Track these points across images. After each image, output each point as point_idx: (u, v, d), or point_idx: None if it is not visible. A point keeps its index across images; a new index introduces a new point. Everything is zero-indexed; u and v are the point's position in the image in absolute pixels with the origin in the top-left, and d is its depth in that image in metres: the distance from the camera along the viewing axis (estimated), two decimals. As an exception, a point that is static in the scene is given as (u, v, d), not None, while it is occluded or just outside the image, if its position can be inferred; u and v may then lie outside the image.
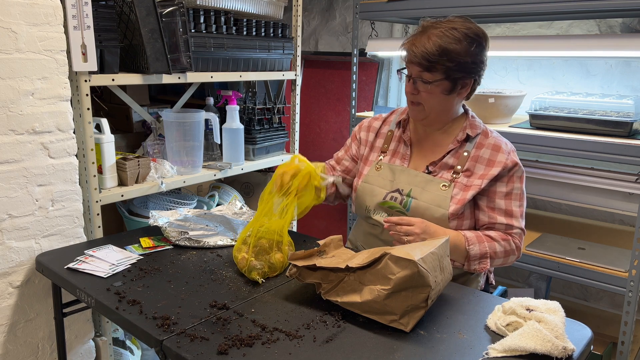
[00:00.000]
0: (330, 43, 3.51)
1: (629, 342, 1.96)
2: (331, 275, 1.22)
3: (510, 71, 2.74)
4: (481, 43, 1.43)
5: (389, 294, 1.13)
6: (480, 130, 1.53)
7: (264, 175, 2.70)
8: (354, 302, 1.18)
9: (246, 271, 1.41)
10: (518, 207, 1.49)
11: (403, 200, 1.52)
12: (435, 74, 1.41)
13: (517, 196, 1.49)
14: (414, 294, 1.13)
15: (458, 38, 1.39)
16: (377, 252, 1.18)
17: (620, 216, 2.52)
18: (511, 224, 1.48)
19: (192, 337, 1.11)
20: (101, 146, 1.82)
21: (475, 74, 1.46)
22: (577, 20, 2.50)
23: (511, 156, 1.49)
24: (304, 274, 1.24)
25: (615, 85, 2.45)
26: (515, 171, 1.48)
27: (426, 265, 1.13)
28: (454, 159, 1.52)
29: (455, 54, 1.39)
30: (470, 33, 1.41)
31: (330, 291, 1.22)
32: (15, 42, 1.53)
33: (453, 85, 1.44)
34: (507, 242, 1.47)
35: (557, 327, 1.08)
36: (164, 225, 1.66)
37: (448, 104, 1.49)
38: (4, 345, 1.65)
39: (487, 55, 1.47)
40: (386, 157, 1.62)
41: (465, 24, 1.42)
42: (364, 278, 1.18)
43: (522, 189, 1.51)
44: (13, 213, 1.60)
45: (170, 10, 1.89)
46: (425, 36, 1.41)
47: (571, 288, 2.74)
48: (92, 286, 1.36)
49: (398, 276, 1.12)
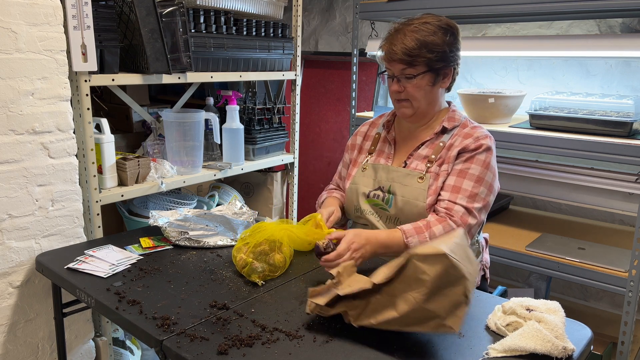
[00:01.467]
0: (330, 43, 3.51)
1: (629, 342, 1.96)
2: (356, 301, 1.12)
3: (510, 71, 2.74)
4: (454, 33, 1.48)
5: (427, 296, 1.03)
6: (458, 122, 1.55)
7: (264, 175, 2.70)
8: (391, 318, 1.07)
9: (246, 272, 1.41)
10: (470, 187, 1.44)
11: (385, 197, 1.54)
12: (418, 67, 1.45)
13: (472, 177, 1.45)
14: (453, 290, 1.04)
15: (433, 30, 1.45)
16: (399, 259, 1.10)
17: (620, 216, 2.52)
18: (454, 200, 1.43)
19: (192, 337, 1.11)
20: (101, 146, 1.82)
21: (453, 62, 1.50)
22: (577, 20, 2.50)
23: (480, 140, 1.47)
24: (326, 307, 1.13)
25: (615, 85, 2.45)
26: (477, 152, 1.46)
27: (456, 256, 1.05)
28: (429, 150, 1.53)
29: (434, 44, 1.44)
30: (443, 24, 1.47)
31: (361, 316, 1.11)
32: (15, 42, 1.53)
33: (436, 76, 1.48)
34: (445, 222, 1.41)
35: (557, 327, 1.08)
36: (164, 225, 1.66)
37: (434, 96, 1.52)
38: (4, 345, 1.65)
39: (460, 46, 1.52)
40: (372, 158, 1.64)
41: (435, 17, 1.49)
42: (394, 290, 1.08)
43: (482, 172, 1.45)
44: (13, 213, 1.60)
45: (170, 10, 1.89)
46: (401, 34, 1.46)
47: (571, 288, 2.74)
48: (92, 286, 1.36)
49: (431, 275, 1.03)
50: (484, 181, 1.46)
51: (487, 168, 1.47)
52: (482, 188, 1.45)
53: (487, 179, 1.46)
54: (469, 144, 1.47)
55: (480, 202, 1.45)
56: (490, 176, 1.48)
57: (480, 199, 1.45)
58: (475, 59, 2.84)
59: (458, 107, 1.63)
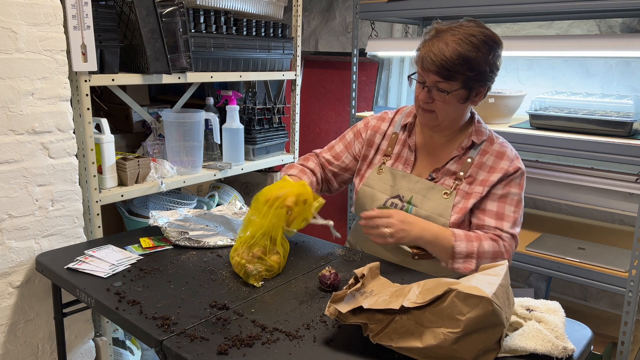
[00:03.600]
0: (330, 43, 3.51)
1: (629, 342, 1.96)
2: (379, 315, 1.05)
3: (510, 71, 2.74)
4: (497, 50, 1.38)
5: (458, 337, 0.97)
6: (485, 137, 1.50)
7: (264, 175, 2.70)
8: (413, 347, 1.02)
9: (243, 275, 1.40)
10: (512, 212, 1.43)
11: (403, 207, 1.49)
12: (454, 83, 1.36)
13: (512, 201, 1.44)
14: (487, 336, 0.99)
15: (477, 45, 1.33)
16: (438, 287, 1.02)
17: (620, 216, 2.52)
18: (501, 227, 1.42)
19: (192, 337, 1.11)
20: (101, 146, 1.81)
21: (490, 82, 1.41)
22: (577, 20, 2.50)
23: (514, 163, 1.45)
24: (346, 315, 1.07)
25: (615, 85, 2.45)
26: (515, 177, 1.45)
27: (498, 301, 0.98)
28: (457, 165, 1.48)
29: (476, 63, 1.33)
30: (488, 40, 1.35)
31: (381, 333, 1.05)
32: (15, 42, 1.53)
33: (469, 94, 1.40)
34: (496, 243, 1.41)
35: (557, 327, 1.08)
36: (164, 226, 1.66)
37: (461, 112, 1.46)
38: (4, 345, 1.65)
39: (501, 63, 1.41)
40: (389, 161, 1.57)
41: (480, 29, 1.36)
42: (423, 318, 1.01)
43: (520, 195, 1.46)
44: (13, 213, 1.60)
45: (170, 10, 1.89)
46: (443, 42, 1.34)
47: (571, 288, 2.74)
48: (92, 286, 1.36)
49: (469, 317, 0.97)
50: (521, 204, 1.46)
51: (522, 190, 1.47)
52: (520, 211, 1.46)
53: (522, 200, 1.47)
54: (508, 169, 1.44)
55: (520, 225, 1.46)
56: (523, 195, 1.48)
57: (520, 221, 1.46)
58: (475, 59, 2.83)
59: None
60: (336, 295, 1.10)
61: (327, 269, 1.35)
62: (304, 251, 1.60)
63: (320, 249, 1.64)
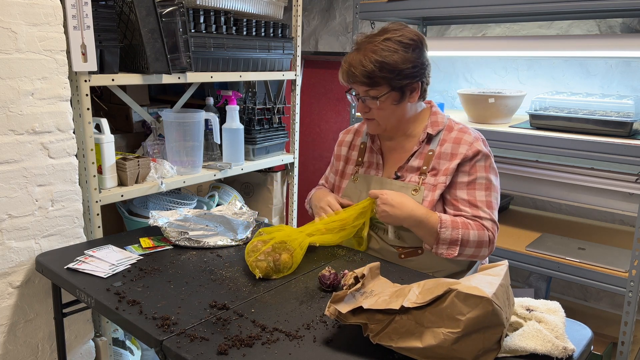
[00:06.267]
0: (330, 43, 3.51)
1: (629, 342, 1.96)
2: (379, 315, 1.05)
3: (510, 71, 2.74)
4: (417, 46, 1.43)
5: (458, 337, 0.98)
6: (442, 126, 1.52)
7: (264, 175, 2.70)
8: (413, 347, 1.02)
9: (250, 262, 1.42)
10: (484, 197, 1.45)
11: None
12: (380, 88, 1.43)
13: (481, 186, 1.45)
14: (486, 336, 0.99)
15: (394, 48, 1.39)
16: (438, 287, 1.02)
17: (620, 216, 2.52)
18: (478, 215, 1.44)
19: (192, 337, 1.11)
20: (101, 146, 1.81)
21: (419, 77, 1.45)
22: (577, 20, 2.50)
23: (474, 145, 1.46)
24: (346, 315, 1.07)
25: (615, 85, 2.45)
26: (477, 160, 1.46)
27: (498, 302, 0.99)
28: (419, 160, 1.52)
29: (394, 64, 1.39)
30: (405, 39, 1.41)
31: (381, 333, 1.06)
32: (15, 42, 1.53)
33: (401, 94, 1.45)
34: (482, 232, 1.43)
35: (557, 327, 1.08)
36: (164, 226, 1.66)
37: (401, 112, 1.50)
38: (4, 345, 1.65)
39: (427, 56, 1.47)
40: (362, 169, 1.63)
41: (398, 31, 1.42)
42: (423, 318, 1.02)
43: (487, 178, 1.46)
44: (13, 213, 1.60)
45: (170, 10, 1.89)
46: (361, 54, 1.41)
47: (571, 288, 2.74)
48: (92, 286, 1.36)
49: (469, 317, 0.97)
50: (492, 186, 1.47)
51: (490, 172, 1.47)
52: (493, 194, 1.47)
53: (494, 183, 1.47)
54: (467, 153, 1.45)
55: (496, 208, 1.48)
56: (495, 179, 1.48)
57: (495, 204, 1.48)
58: (475, 59, 2.84)
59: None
60: (336, 296, 1.10)
61: (327, 269, 1.36)
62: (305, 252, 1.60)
63: (320, 249, 1.64)
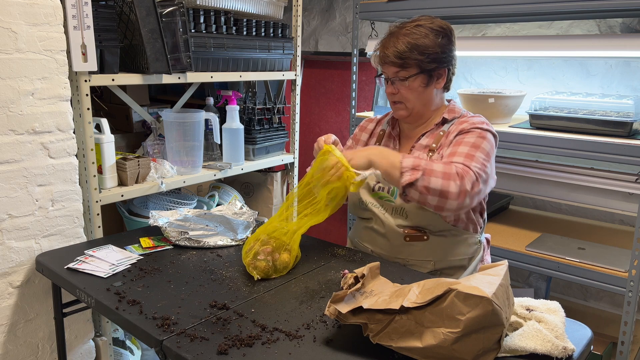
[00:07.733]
0: (330, 43, 3.51)
1: (629, 342, 1.96)
2: (379, 315, 1.05)
3: (510, 71, 2.74)
4: (447, 35, 1.51)
5: (458, 337, 0.98)
6: (459, 114, 1.58)
7: (264, 175, 2.70)
8: (413, 347, 1.02)
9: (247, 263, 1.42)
10: (466, 150, 1.41)
11: (390, 189, 1.57)
12: (410, 69, 1.50)
13: (467, 143, 1.44)
14: (486, 336, 0.99)
15: (425, 33, 1.49)
16: (438, 287, 1.02)
17: (620, 216, 2.52)
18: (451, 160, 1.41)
19: (192, 337, 1.11)
20: (101, 146, 1.82)
21: (447, 64, 1.53)
22: (577, 20, 2.50)
23: (476, 124, 1.49)
24: (346, 315, 1.07)
25: (615, 85, 2.45)
26: (471, 129, 1.48)
27: (498, 301, 0.99)
28: (429, 139, 1.56)
29: (424, 47, 1.48)
30: (435, 27, 1.50)
31: (381, 333, 1.06)
32: (15, 42, 1.53)
33: (429, 77, 1.52)
34: (448, 165, 1.36)
35: (557, 327, 1.08)
36: (164, 225, 1.66)
37: (428, 96, 1.55)
38: (4, 345, 1.65)
39: (455, 47, 1.55)
40: None
41: (429, 20, 1.52)
42: (423, 318, 1.02)
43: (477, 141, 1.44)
44: (13, 213, 1.60)
45: (170, 10, 1.89)
46: (394, 38, 1.51)
47: (571, 288, 2.74)
48: (92, 286, 1.36)
49: (469, 317, 0.97)
50: (479, 147, 1.42)
51: (483, 137, 1.45)
52: (478, 152, 1.41)
53: (483, 146, 1.43)
54: (465, 127, 1.50)
55: (479, 164, 1.38)
56: (487, 145, 1.44)
57: (479, 161, 1.39)
58: (475, 59, 2.84)
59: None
60: (336, 296, 1.10)
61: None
62: (304, 251, 1.60)
63: (321, 248, 1.64)
